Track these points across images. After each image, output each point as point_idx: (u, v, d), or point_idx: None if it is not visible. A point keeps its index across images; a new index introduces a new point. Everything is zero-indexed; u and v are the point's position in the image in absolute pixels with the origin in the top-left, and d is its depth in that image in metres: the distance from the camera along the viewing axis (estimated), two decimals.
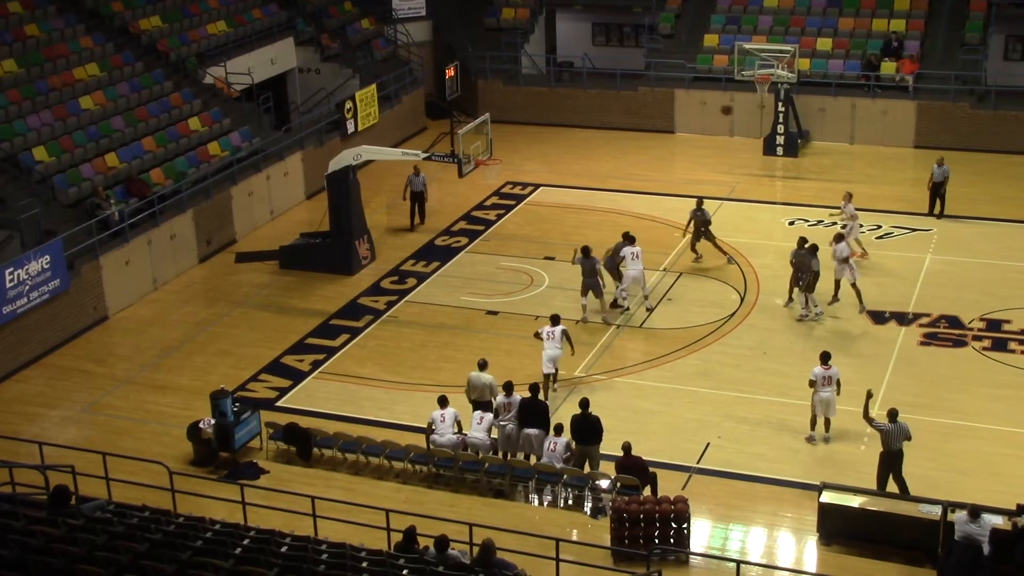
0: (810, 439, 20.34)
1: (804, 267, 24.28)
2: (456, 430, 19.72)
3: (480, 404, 20.20)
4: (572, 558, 16.98)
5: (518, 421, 19.57)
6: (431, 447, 19.51)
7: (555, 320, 22.01)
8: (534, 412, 19.49)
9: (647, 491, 18.38)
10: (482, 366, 20.52)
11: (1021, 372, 22.36)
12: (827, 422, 20.47)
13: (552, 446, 19.03)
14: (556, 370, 21.88)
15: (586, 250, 24.48)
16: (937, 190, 29.53)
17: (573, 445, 19.12)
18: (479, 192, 32.55)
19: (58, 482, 15.68)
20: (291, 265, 28.21)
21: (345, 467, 20.05)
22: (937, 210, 29.60)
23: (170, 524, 14.65)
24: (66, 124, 28.28)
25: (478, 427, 19.63)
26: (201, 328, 25.54)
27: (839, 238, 24.74)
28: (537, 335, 21.97)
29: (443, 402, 19.92)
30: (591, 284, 24.39)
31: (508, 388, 19.79)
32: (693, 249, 27.36)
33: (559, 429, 19.25)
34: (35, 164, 26.64)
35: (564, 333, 21.73)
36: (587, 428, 19.04)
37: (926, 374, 22.33)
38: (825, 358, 20.38)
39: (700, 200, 27.51)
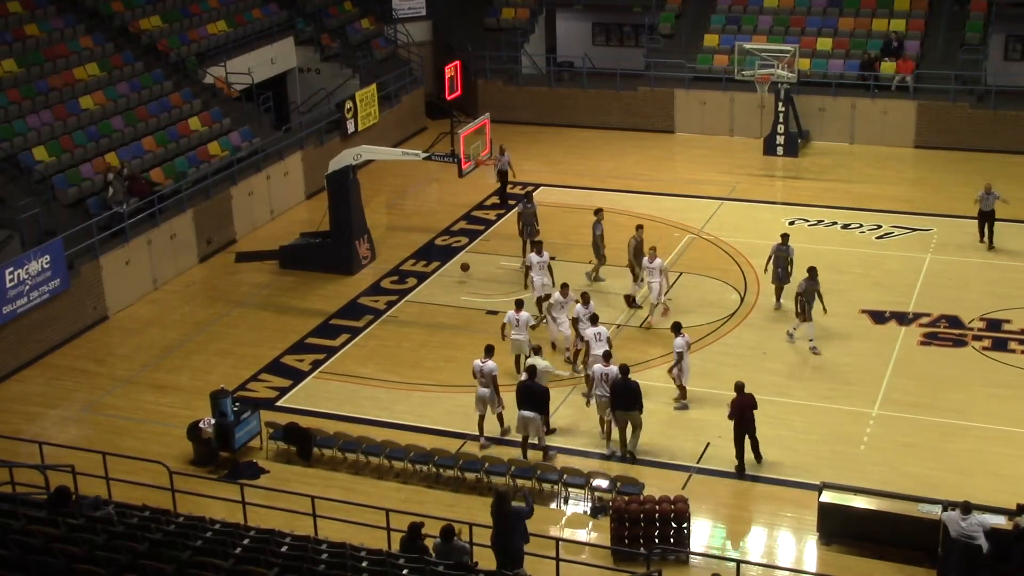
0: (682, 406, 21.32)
1: (781, 261, 24.50)
2: (492, 385, 20.24)
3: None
4: (572, 558, 16.99)
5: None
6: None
7: (519, 305, 22.66)
8: (531, 396, 19.63)
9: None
10: (536, 351, 21.43)
11: (1021, 372, 22.35)
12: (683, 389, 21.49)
13: (598, 335, 20.78)
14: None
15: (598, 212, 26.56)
16: (986, 219, 27.47)
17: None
18: (479, 192, 32.56)
19: (58, 482, 15.71)
20: (291, 265, 28.21)
21: (345, 467, 20.06)
22: (986, 240, 27.59)
23: (170, 524, 14.65)
24: (66, 124, 28.29)
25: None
26: (201, 328, 25.54)
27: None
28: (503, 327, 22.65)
29: (490, 351, 20.47)
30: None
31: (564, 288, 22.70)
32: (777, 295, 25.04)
33: (677, 328, 21.18)
34: (35, 164, 26.64)
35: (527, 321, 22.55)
36: (628, 393, 19.40)
37: (926, 374, 22.33)
38: (676, 328, 21.48)
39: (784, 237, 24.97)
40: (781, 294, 24.89)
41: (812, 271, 23.10)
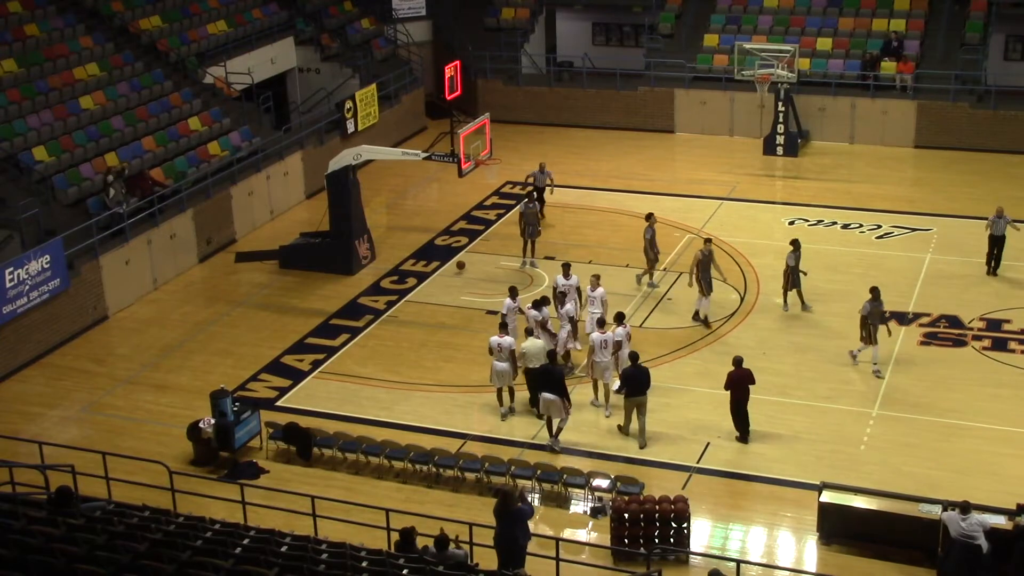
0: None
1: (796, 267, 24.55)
2: (510, 359, 20.91)
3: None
4: (572, 558, 16.99)
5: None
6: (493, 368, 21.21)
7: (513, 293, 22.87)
8: (549, 378, 20.01)
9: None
10: (529, 332, 21.58)
11: (1021, 372, 22.36)
12: (606, 388, 21.40)
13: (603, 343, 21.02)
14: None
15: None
16: (996, 244, 26.09)
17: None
18: (479, 192, 32.56)
19: (58, 482, 15.69)
20: (291, 265, 28.21)
21: (345, 467, 20.06)
22: (992, 266, 26.25)
23: (170, 524, 14.63)
24: (66, 124, 28.29)
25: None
26: (201, 328, 25.54)
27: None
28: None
29: (504, 327, 21.19)
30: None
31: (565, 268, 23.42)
32: (784, 298, 25.00)
33: (620, 318, 21.62)
34: (35, 164, 26.64)
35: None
36: (641, 378, 20.01)
37: (926, 374, 22.33)
38: (619, 318, 21.72)
39: (796, 243, 24.79)
40: (788, 297, 24.89)
41: (875, 291, 22.30)
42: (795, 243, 24.68)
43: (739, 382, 20.04)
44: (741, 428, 20.25)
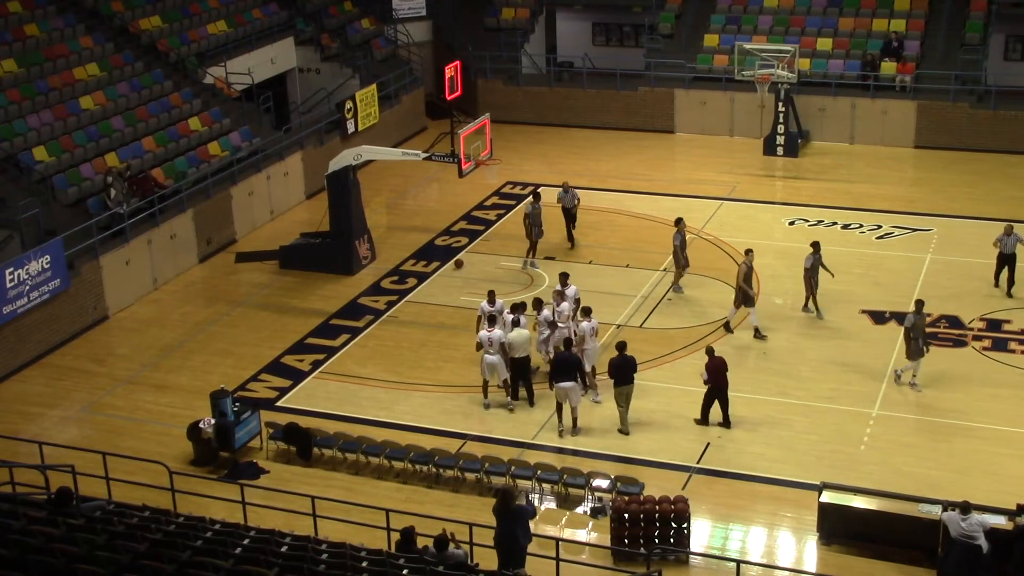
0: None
1: (817, 269, 24.42)
2: (500, 351, 21.28)
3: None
4: (572, 558, 16.99)
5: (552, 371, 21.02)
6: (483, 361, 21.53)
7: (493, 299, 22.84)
8: (566, 366, 20.31)
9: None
10: (516, 323, 21.62)
11: (1021, 372, 22.36)
12: (593, 369, 21.80)
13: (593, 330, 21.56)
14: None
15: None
16: (1006, 262, 25.25)
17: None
18: (479, 192, 32.56)
19: (58, 482, 15.69)
20: (291, 265, 28.21)
21: (345, 467, 20.06)
22: (1004, 284, 25.42)
23: (170, 524, 14.64)
24: (66, 124, 28.29)
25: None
26: (201, 328, 25.55)
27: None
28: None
29: (492, 321, 21.47)
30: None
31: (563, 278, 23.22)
32: (814, 304, 24.74)
33: (587, 312, 21.66)
34: (35, 164, 26.65)
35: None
36: (627, 368, 20.34)
37: (926, 374, 22.30)
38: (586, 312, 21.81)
39: (816, 245, 24.67)
40: (809, 301, 24.75)
41: (920, 304, 21.84)
42: (815, 245, 24.54)
43: (718, 371, 20.37)
44: (706, 414, 20.70)
